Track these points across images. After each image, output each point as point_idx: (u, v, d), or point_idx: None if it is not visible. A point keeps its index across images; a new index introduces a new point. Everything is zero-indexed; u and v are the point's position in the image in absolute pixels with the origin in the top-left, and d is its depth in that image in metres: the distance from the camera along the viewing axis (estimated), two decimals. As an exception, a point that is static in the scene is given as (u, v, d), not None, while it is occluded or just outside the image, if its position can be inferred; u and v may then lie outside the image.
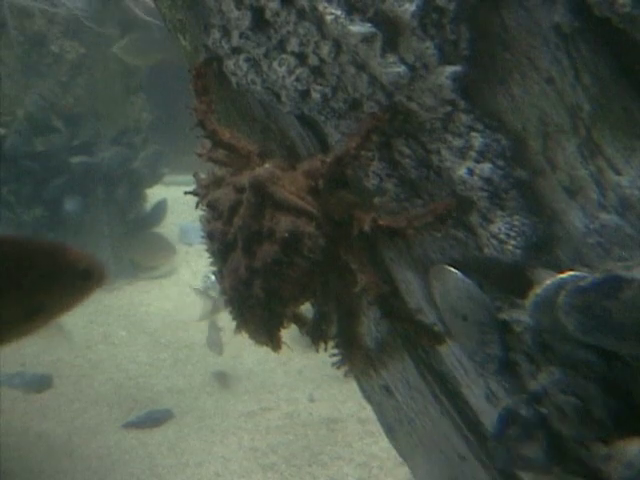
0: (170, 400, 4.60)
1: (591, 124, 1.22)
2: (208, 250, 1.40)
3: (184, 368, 5.03)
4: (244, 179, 1.34)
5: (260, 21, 1.37)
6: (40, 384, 4.75)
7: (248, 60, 1.41)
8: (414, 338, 1.43)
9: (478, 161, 1.25)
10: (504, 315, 1.30)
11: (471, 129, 1.25)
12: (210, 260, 1.43)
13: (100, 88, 5.97)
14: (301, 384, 4.65)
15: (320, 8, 1.28)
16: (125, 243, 6.46)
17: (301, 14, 1.31)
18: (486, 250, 1.30)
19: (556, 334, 1.23)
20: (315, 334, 1.44)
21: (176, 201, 6.41)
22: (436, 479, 1.59)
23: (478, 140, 1.25)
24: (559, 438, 1.25)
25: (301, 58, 1.34)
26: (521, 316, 1.27)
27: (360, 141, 1.30)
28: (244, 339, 1.43)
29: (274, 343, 1.39)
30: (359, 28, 1.26)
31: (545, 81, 1.23)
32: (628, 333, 1.14)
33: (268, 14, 1.35)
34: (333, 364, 1.46)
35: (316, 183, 1.33)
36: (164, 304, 5.74)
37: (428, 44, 1.23)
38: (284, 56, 1.35)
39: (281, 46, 1.36)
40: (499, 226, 1.27)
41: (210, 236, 1.38)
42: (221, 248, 1.36)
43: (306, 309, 1.46)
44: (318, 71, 1.34)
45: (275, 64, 1.37)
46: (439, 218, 1.28)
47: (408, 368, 1.50)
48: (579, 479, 1.26)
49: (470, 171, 1.26)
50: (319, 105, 1.36)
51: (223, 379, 4.88)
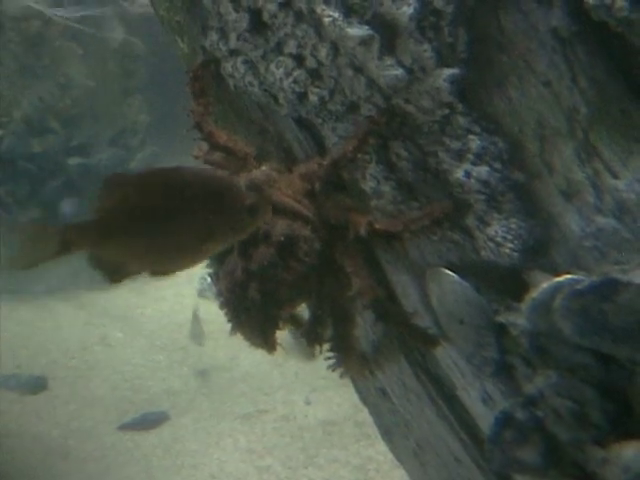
0: (166, 402, 4.59)
1: (588, 127, 1.22)
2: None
3: (180, 370, 5.02)
4: (241, 181, 1.34)
5: (258, 23, 1.37)
6: (35, 386, 4.74)
7: (246, 62, 1.41)
8: (409, 341, 1.43)
9: (475, 164, 1.25)
10: (501, 318, 1.30)
11: (468, 132, 1.26)
12: (206, 262, 1.42)
13: (97, 89, 5.97)
14: (297, 386, 4.65)
15: (318, 10, 1.28)
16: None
17: (299, 16, 1.31)
18: (483, 253, 1.30)
19: (553, 337, 1.23)
20: (310, 337, 1.44)
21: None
22: (432, 482, 1.59)
23: (475, 143, 1.25)
24: (555, 441, 1.25)
25: (299, 60, 1.34)
26: (518, 319, 1.27)
27: (357, 144, 1.30)
28: (240, 341, 1.42)
29: (269, 345, 1.39)
30: (357, 31, 1.26)
31: (542, 84, 1.23)
32: (624, 336, 1.15)
33: (266, 16, 1.35)
34: (329, 367, 1.45)
35: (312, 186, 1.33)
36: (160, 306, 5.73)
37: (426, 47, 1.23)
38: (282, 58, 1.35)
39: (279, 48, 1.36)
40: (496, 229, 1.27)
41: None
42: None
43: (303, 310, 1.46)
44: (316, 73, 1.34)
45: (273, 66, 1.37)
46: (435, 221, 1.29)
47: (404, 371, 1.50)
48: (575, 483, 1.26)
49: (467, 174, 1.26)
50: (316, 107, 1.36)
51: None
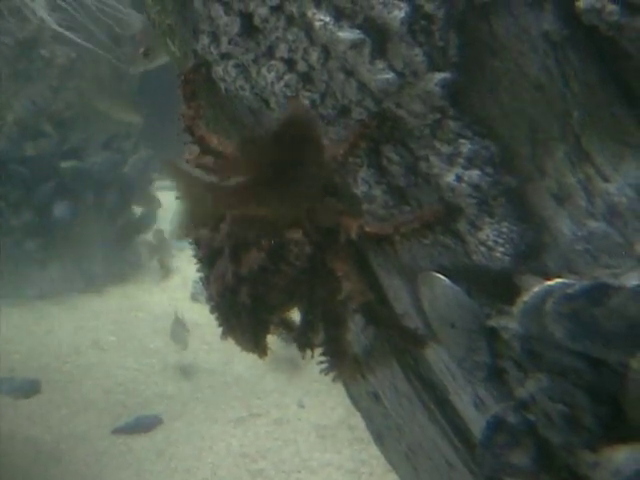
0: (159, 406, 4.59)
1: (580, 131, 1.22)
2: (195, 256, 1.40)
3: (173, 374, 5.02)
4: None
5: (249, 27, 1.37)
6: (28, 390, 4.73)
7: (237, 66, 1.41)
8: (399, 343, 1.43)
9: (466, 168, 1.25)
10: (492, 322, 1.30)
11: (460, 136, 1.25)
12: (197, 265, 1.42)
13: (91, 93, 5.96)
14: (291, 390, 4.65)
15: (309, 14, 1.28)
16: (116, 248, 6.45)
17: (290, 20, 1.31)
18: (474, 257, 1.30)
19: (544, 341, 1.23)
20: (302, 341, 1.43)
21: (166, 206, 6.40)
22: (424, 486, 1.59)
23: (466, 147, 1.25)
24: (547, 445, 1.25)
25: (290, 64, 1.34)
26: (509, 323, 1.27)
27: (348, 147, 1.30)
28: (233, 345, 1.42)
29: (260, 350, 1.39)
30: (348, 34, 1.26)
31: (534, 88, 1.23)
32: (615, 340, 1.15)
33: (257, 20, 1.35)
34: (321, 371, 1.45)
35: (303, 190, 1.33)
36: (153, 309, 5.73)
37: (417, 51, 1.23)
38: (273, 62, 1.35)
39: (270, 52, 1.36)
40: (487, 233, 1.27)
41: (197, 242, 1.38)
42: (208, 255, 1.36)
43: (294, 314, 1.46)
44: (307, 77, 1.34)
45: (264, 70, 1.37)
46: (426, 224, 1.28)
47: (396, 375, 1.50)
48: (567, 486, 1.26)
49: (458, 178, 1.26)
50: (308, 111, 1.36)
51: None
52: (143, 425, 4.34)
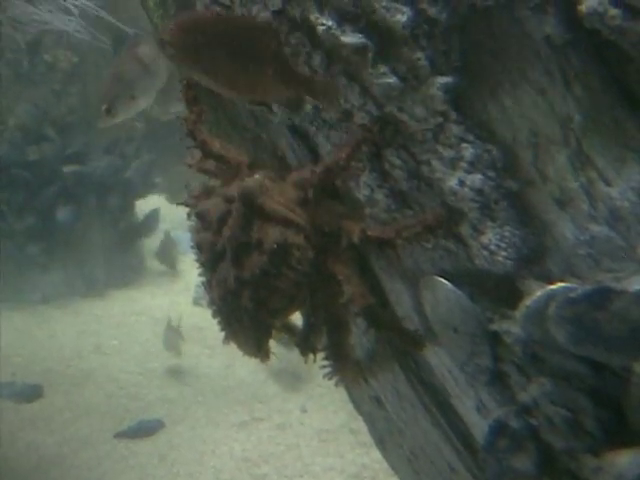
0: (161, 410, 4.59)
1: (582, 135, 1.22)
2: (197, 260, 1.40)
3: (175, 378, 5.02)
4: (233, 190, 1.34)
5: (251, 31, 1.37)
6: (31, 394, 4.74)
7: (239, 70, 1.41)
8: (400, 346, 1.43)
9: (469, 172, 1.25)
10: (495, 326, 1.29)
11: (462, 140, 1.25)
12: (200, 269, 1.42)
13: (93, 97, 5.96)
14: (293, 394, 4.65)
15: (312, 18, 1.28)
16: (118, 252, 6.45)
17: (293, 24, 1.31)
18: (477, 261, 1.29)
19: (546, 345, 1.22)
20: (304, 345, 1.43)
21: (168, 210, 6.41)
22: (426, 491, 1.59)
23: (469, 151, 1.25)
24: (549, 450, 1.25)
25: (292, 68, 1.34)
26: (512, 327, 1.27)
27: (350, 152, 1.29)
28: (235, 349, 1.42)
29: (263, 354, 1.39)
30: (350, 39, 1.26)
31: (536, 92, 1.23)
32: (618, 344, 1.14)
33: (259, 24, 1.35)
34: (324, 375, 1.45)
35: (305, 194, 1.33)
36: (156, 313, 5.73)
37: (419, 55, 1.23)
38: (275, 66, 1.35)
39: (272, 56, 1.35)
40: (490, 237, 1.26)
41: (199, 246, 1.38)
42: (210, 258, 1.36)
43: (296, 318, 1.46)
44: (309, 81, 1.34)
45: (266, 74, 1.37)
46: (428, 228, 1.28)
47: (398, 379, 1.50)
48: (569, 491, 1.26)
49: (461, 182, 1.26)
50: (310, 115, 1.36)
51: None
52: (145, 429, 4.34)
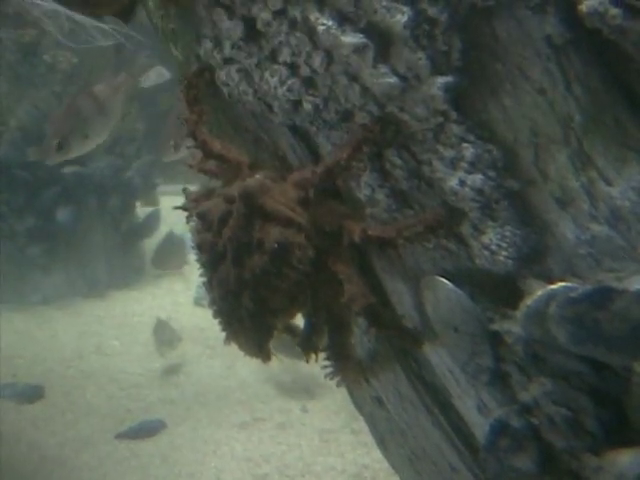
0: (163, 410, 4.59)
1: (582, 135, 1.22)
2: (198, 261, 1.40)
3: (176, 378, 5.02)
4: (234, 190, 1.34)
5: (252, 31, 1.37)
6: (32, 395, 4.74)
7: (240, 71, 1.41)
8: (400, 345, 1.43)
9: (469, 172, 1.25)
10: (495, 326, 1.29)
11: (462, 140, 1.25)
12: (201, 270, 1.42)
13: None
14: (294, 395, 4.65)
15: (312, 18, 1.28)
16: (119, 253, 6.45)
17: (293, 24, 1.31)
18: (478, 261, 1.29)
19: (547, 345, 1.22)
20: (306, 345, 1.43)
21: (169, 211, 6.40)
22: (428, 490, 1.59)
23: (469, 151, 1.25)
24: (550, 449, 1.25)
25: (293, 68, 1.34)
26: (512, 327, 1.27)
27: (351, 152, 1.30)
28: (236, 349, 1.42)
29: (264, 354, 1.39)
30: (351, 39, 1.26)
31: (536, 92, 1.23)
32: (619, 344, 1.14)
33: (260, 24, 1.35)
34: (325, 375, 1.45)
35: (306, 193, 1.33)
36: (157, 314, 5.72)
37: (420, 55, 1.23)
38: (276, 66, 1.35)
39: (273, 56, 1.36)
40: (490, 237, 1.27)
41: (200, 247, 1.38)
42: (210, 259, 1.36)
43: (297, 319, 1.46)
44: (310, 82, 1.34)
45: (267, 74, 1.37)
46: (429, 228, 1.28)
47: (399, 379, 1.50)
48: (570, 491, 1.26)
49: (461, 182, 1.26)
50: (311, 116, 1.36)
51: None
52: (147, 430, 4.34)
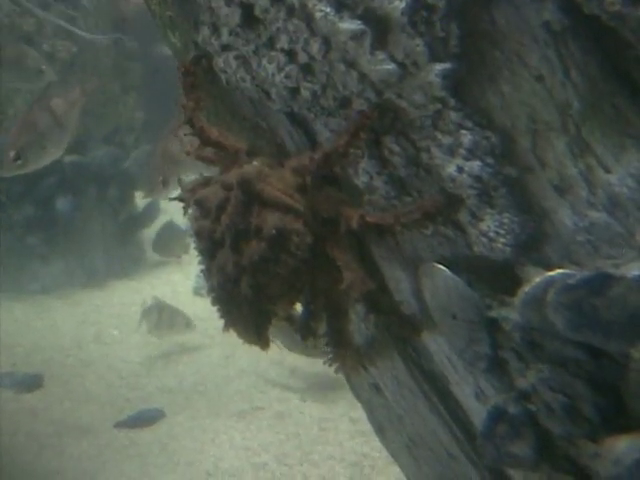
0: (162, 399, 4.59)
1: (581, 122, 1.22)
2: (196, 248, 1.40)
3: (175, 368, 5.02)
4: (232, 177, 1.34)
5: (250, 18, 1.36)
6: (31, 384, 4.74)
7: (238, 57, 1.41)
8: (399, 332, 1.43)
9: (467, 159, 1.25)
10: (493, 313, 1.30)
11: (460, 127, 1.25)
12: (199, 259, 1.42)
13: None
14: (293, 384, 4.66)
15: (309, 5, 1.28)
16: (118, 242, 6.45)
17: (290, 11, 1.31)
18: (475, 248, 1.30)
19: (545, 332, 1.23)
20: (304, 331, 1.44)
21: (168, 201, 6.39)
22: (425, 477, 1.59)
23: (467, 138, 1.25)
24: (547, 436, 1.25)
25: (290, 55, 1.34)
26: (510, 314, 1.27)
27: (349, 138, 1.29)
28: (235, 338, 1.42)
29: (262, 342, 1.39)
30: (348, 25, 1.25)
31: (535, 79, 1.22)
32: (616, 330, 1.15)
33: (257, 11, 1.34)
34: (324, 362, 1.45)
35: (304, 180, 1.33)
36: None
37: (418, 41, 1.23)
38: (273, 53, 1.35)
39: (270, 43, 1.35)
40: (488, 224, 1.27)
41: (198, 234, 1.38)
42: (209, 246, 1.36)
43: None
44: (308, 68, 1.33)
45: (265, 61, 1.36)
46: (427, 215, 1.28)
47: (397, 366, 1.50)
48: (567, 476, 1.26)
49: (459, 169, 1.26)
50: (308, 103, 1.36)
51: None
52: (146, 419, 4.34)
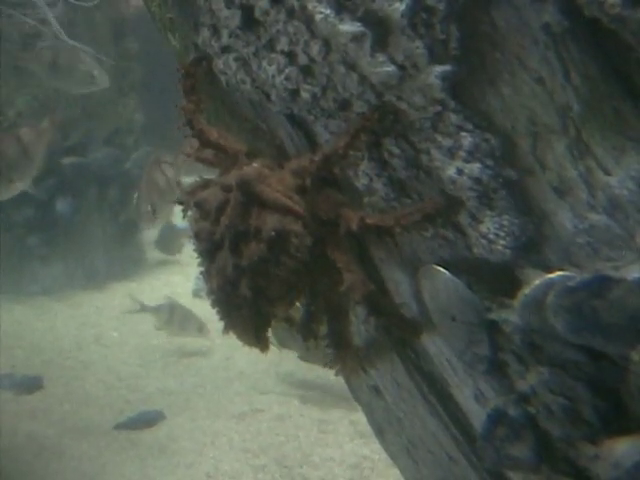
0: (161, 401, 4.59)
1: (581, 124, 1.22)
2: (196, 250, 1.40)
3: (175, 370, 5.02)
4: (231, 178, 1.34)
5: (250, 20, 1.36)
6: (31, 385, 4.74)
7: (238, 59, 1.41)
8: (399, 334, 1.43)
9: (467, 161, 1.25)
10: (493, 315, 1.30)
11: (460, 129, 1.25)
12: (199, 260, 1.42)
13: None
14: (293, 386, 4.65)
15: (309, 7, 1.28)
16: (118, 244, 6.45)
17: (291, 13, 1.31)
18: (475, 250, 1.29)
19: (545, 334, 1.22)
20: (305, 333, 1.44)
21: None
22: (425, 480, 1.59)
23: (467, 140, 1.25)
24: (547, 438, 1.25)
25: (290, 57, 1.34)
26: (510, 316, 1.27)
27: (348, 140, 1.29)
28: (235, 340, 1.42)
29: (262, 344, 1.39)
30: (348, 27, 1.25)
31: (535, 81, 1.22)
32: (616, 333, 1.14)
33: (258, 13, 1.34)
34: (325, 364, 1.45)
35: (303, 182, 1.33)
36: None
37: (418, 43, 1.23)
38: (273, 55, 1.35)
39: (271, 45, 1.35)
40: (488, 226, 1.27)
41: (197, 236, 1.38)
42: (208, 248, 1.36)
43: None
44: (308, 70, 1.33)
45: (265, 63, 1.36)
46: (427, 217, 1.28)
47: (397, 368, 1.50)
48: (567, 479, 1.26)
49: (459, 171, 1.26)
50: (308, 104, 1.36)
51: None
52: (145, 420, 4.34)
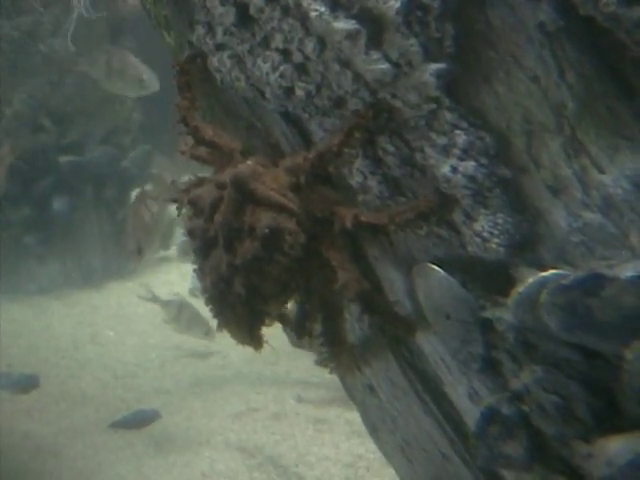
0: (157, 400, 4.59)
1: (575, 123, 1.22)
2: (190, 248, 1.40)
3: (172, 369, 5.02)
4: (225, 176, 1.33)
5: (244, 17, 1.36)
6: (27, 384, 4.73)
7: (232, 57, 1.41)
8: (393, 332, 1.43)
9: (462, 159, 1.25)
10: (487, 313, 1.30)
11: (455, 127, 1.25)
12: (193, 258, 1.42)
13: (90, 87, 5.94)
14: (289, 385, 4.65)
15: (304, 4, 1.28)
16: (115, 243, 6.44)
17: (285, 10, 1.31)
18: (469, 248, 1.29)
19: (539, 332, 1.22)
20: (299, 330, 1.44)
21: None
22: (419, 478, 1.59)
23: (462, 138, 1.25)
24: (541, 436, 1.25)
25: (285, 55, 1.34)
26: (504, 314, 1.27)
27: (343, 138, 1.29)
28: (231, 339, 1.42)
29: (256, 342, 1.38)
30: (343, 25, 1.25)
31: (530, 79, 1.22)
32: (610, 331, 1.14)
33: (252, 10, 1.34)
34: (320, 362, 1.45)
35: (298, 179, 1.33)
36: (152, 304, 5.71)
37: (412, 41, 1.23)
38: (268, 52, 1.35)
39: (265, 42, 1.35)
40: (482, 224, 1.26)
41: (191, 233, 1.37)
42: (202, 245, 1.36)
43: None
44: (302, 68, 1.33)
45: (259, 60, 1.36)
46: (421, 215, 1.28)
47: (391, 367, 1.50)
48: (560, 477, 1.26)
49: (454, 169, 1.26)
50: (303, 102, 1.36)
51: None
52: (141, 419, 4.34)
